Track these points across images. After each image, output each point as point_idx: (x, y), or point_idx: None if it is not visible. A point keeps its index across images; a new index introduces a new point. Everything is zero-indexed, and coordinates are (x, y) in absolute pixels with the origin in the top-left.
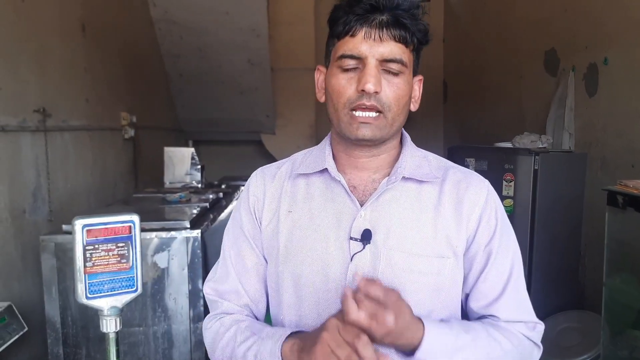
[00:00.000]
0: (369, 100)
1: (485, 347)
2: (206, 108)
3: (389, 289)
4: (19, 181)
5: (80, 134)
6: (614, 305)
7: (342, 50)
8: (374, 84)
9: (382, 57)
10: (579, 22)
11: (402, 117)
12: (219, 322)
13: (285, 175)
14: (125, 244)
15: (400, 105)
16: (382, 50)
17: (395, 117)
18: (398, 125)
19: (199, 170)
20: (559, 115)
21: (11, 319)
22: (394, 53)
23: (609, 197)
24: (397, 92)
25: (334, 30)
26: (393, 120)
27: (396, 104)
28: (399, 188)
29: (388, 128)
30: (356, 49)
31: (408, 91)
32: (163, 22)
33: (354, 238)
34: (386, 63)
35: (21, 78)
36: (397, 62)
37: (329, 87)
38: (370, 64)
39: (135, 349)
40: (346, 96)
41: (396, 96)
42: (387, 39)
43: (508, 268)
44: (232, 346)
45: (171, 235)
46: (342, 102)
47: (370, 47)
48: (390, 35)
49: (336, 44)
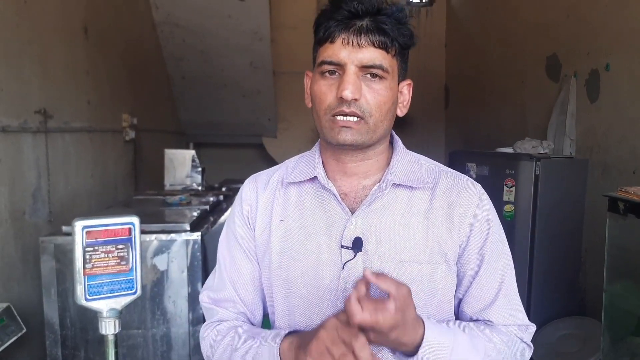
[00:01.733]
0: (348, 107)
1: (482, 347)
2: (208, 111)
3: (400, 284)
4: (19, 182)
5: (81, 136)
6: (615, 312)
7: (323, 56)
8: (351, 91)
9: (362, 64)
10: (582, 28)
11: (385, 122)
12: (215, 330)
13: (277, 183)
14: (125, 246)
15: (383, 112)
16: (360, 56)
17: (377, 123)
18: (382, 131)
19: (200, 173)
20: (560, 120)
21: (10, 320)
22: (373, 59)
23: (610, 203)
24: (378, 98)
25: (316, 36)
26: (375, 126)
27: (377, 110)
28: (389, 195)
29: (370, 134)
30: (335, 55)
31: (391, 97)
32: (165, 25)
33: (345, 246)
34: (366, 69)
35: (23, 79)
36: (377, 68)
37: (312, 93)
38: (349, 70)
39: (134, 352)
40: (327, 102)
41: (377, 102)
42: (365, 44)
43: (501, 272)
44: (230, 351)
45: (171, 237)
46: (323, 108)
47: (349, 54)
48: (369, 40)
49: (318, 50)
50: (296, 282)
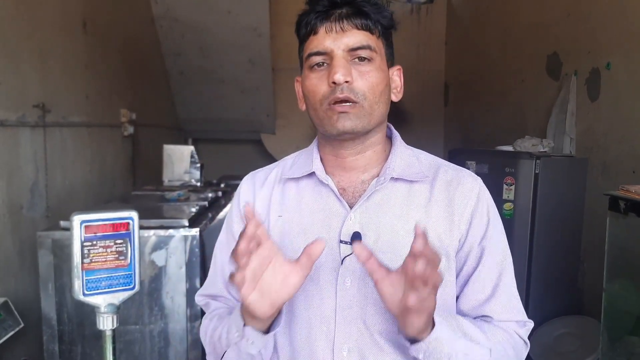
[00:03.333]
0: (341, 92)
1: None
2: (206, 107)
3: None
4: (17, 177)
5: (79, 131)
6: (614, 311)
7: (309, 49)
8: (342, 74)
9: (348, 47)
10: (582, 26)
11: (381, 106)
12: (207, 319)
13: (275, 179)
14: (123, 241)
15: (376, 93)
16: (346, 40)
17: (372, 105)
18: (379, 115)
19: (198, 169)
20: (560, 119)
21: (7, 315)
22: (359, 40)
23: (611, 202)
24: (370, 79)
25: (299, 35)
26: (371, 108)
27: (371, 92)
28: (388, 189)
29: (368, 117)
30: (321, 44)
31: (382, 79)
32: (164, 20)
33: (344, 241)
34: (354, 52)
35: (21, 73)
36: (364, 49)
37: (305, 90)
38: (337, 55)
39: (131, 347)
40: (320, 93)
41: (369, 84)
42: (349, 28)
43: (499, 267)
44: (212, 334)
45: (169, 233)
46: (317, 100)
47: (334, 40)
48: (352, 24)
49: (304, 46)
50: None
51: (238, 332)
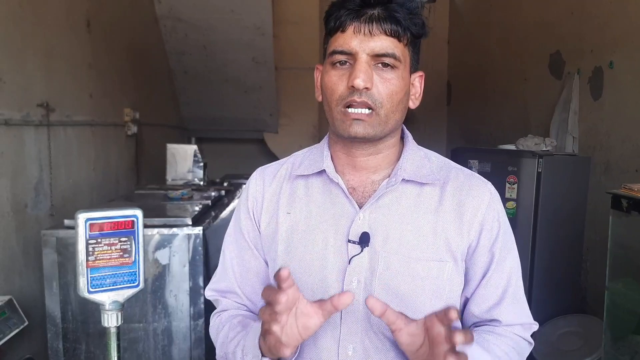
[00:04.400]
0: (359, 96)
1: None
2: (210, 106)
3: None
4: (21, 175)
5: (83, 129)
6: (616, 310)
7: (334, 46)
8: (363, 79)
9: (373, 52)
10: (585, 25)
11: (397, 114)
12: (218, 319)
13: (285, 176)
14: (128, 239)
15: (394, 102)
16: (372, 45)
17: (388, 114)
18: (393, 123)
19: (202, 168)
20: (563, 118)
21: (11, 313)
22: (385, 47)
23: (613, 200)
24: (390, 87)
25: (327, 26)
26: (387, 117)
27: (389, 100)
28: (398, 190)
29: (382, 126)
30: (346, 44)
31: (403, 87)
32: (168, 19)
33: (352, 241)
34: (378, 58)
35: (26, 72)
36: (389, 57)
37: (323, 85)
38: (361, 59)
39: (135, 345)
40: (338, 93)
41: (389, 92)
42: (377, 33)
43: (508, 271)
44: (226, 343)
45: (173, 232)
46: (334, 99)
47: (360, 42)
48: (380, 29)
49: (329, 40)
50: (302, 275)
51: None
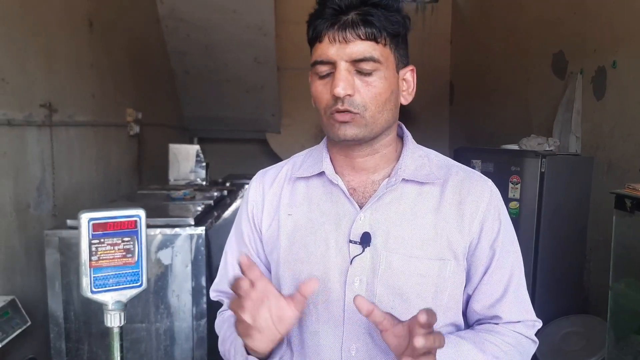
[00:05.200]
0: (342, 104)
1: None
2: (212, 106)
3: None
4: (24, 175)
5: (85, 130)
6: (620, 310)
7: (314, 57)
8: (343, 87)
9: (351, 58)
10: (588, 25)
11: (385, 114)
12: (220, 318)
13: (285, 178)
14: (130, 239)
15: (379, 103)
16: (349, 51)
17: (374, 115)
18: (383, 123)
19: (204, 168)
20: (566, 118)
21: (14, 313)
22: (362, 52)
23: (617, 200)
24: (373, 90)
25: (307, 37)
26: (373, 118)
27: (373, 103)
28: (399, 190)
29: (370, 127)
30: (324, 54)
31: (387, 87)
32: (170, 19)
33: (353, 241)
34: (357, 63)
35: (28, 72)
36: (367, 61)
37: (312, 94)
38: (340, 67)
39: (138, 345)
40: (324, 102)
41: (372, 95)
42: (352, 39)
43: (510, 268)
44: (224, 341)
45: (175, 232)
46: (322, 108)
47: (337, 50)
48: (354, 34)
49: (311, 51)
50: (303, 276)
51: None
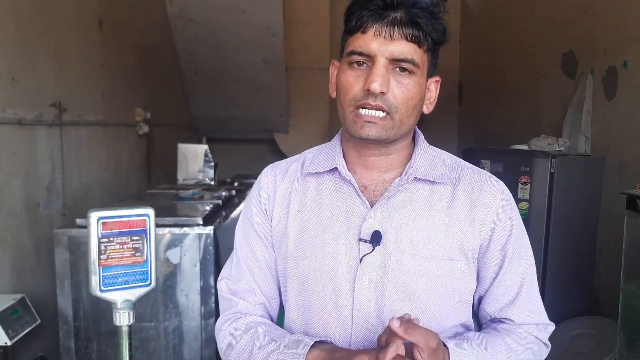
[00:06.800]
0: (374, 100)
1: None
2: (220, 106)
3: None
4: (34, 175)
5: (95, 129)
6: (631, 312)
7: (353, 46)
8: (380, 84)
9: (392, 56)
10: (599, 24)
11: (411, 119)
12: (234, 325)
13: (296, 173)
14: (140, 238)
15: (409, 107)
16: (392, 49)
17: (403, 118)
18: (407, 127)
19: (212, 168)
20: (576, 118)
21: (24, 311)
22: (404, 52)
23: (628, 201)
24: (406, 93)
25: (347, 25)
26: (401, 122)
27: (404, 106)
28: (410, 189)
29: (395, 130)
30: (366, 46)
31: (419, 92)
32: (179, 20)
33: (363, 239)
34: (396, 62)
35: (38, 72)
36: (407, 62)
37: (338, 83)
38: (379, 62)
39: (146, 344)
40: (352, 93)
41: (405, 97)
42: (398, 37)
43: (522, 271)
44: (249, 351)
45: (184, 231)
46: (348, 99)
47: (380, 45)
48: (402, 33)
49: (348, 39)
50: (312, 273)
51: None
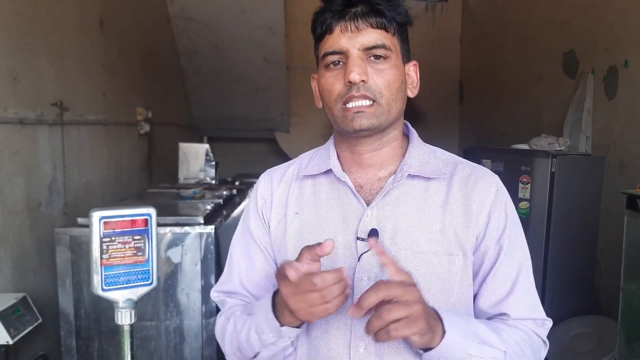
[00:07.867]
0: (357, 90)
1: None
2: (221, 105)
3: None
4: (35, 174)
5: (96, 129)
6: (631, 311)
7: (324, 48)
8: (358, 73)
9: (363, 46)
10: (599, 24)
11: (398, 103)
12: (223, 317)
13: (293, 176)
14: (141, 237)
15: (393, 91)
16: (361, 39)
17: (390, 102)
18: (396, 112)
19: (213, 167)
20: (577, 117)
21: (25, 310)
22: (374, 39)
23: (629, 200)
24: (386, 77)
25: (315, 33)
26: (389, 106)
27: (387, 90)
28: (405, 186)
29: (385, 115)
30: (336, 44)
31: (398, 75)
32: (180, 19)
33: (361, 238)
34: (369, 51)
35: (39, 72)
36: (379, 48)
37: (320, 89)
38: (353, 55)
39: (147, 343)
40: (336, 92)
41: (386, 82)
42: (364, 27)
43: (517, 265)
44: (236, 336)
45: (185, 230)
46: (333, 98)
47: (349, 39)
48: (366, 23)
49: (319, 45)
50: None
51: (273, 333)
